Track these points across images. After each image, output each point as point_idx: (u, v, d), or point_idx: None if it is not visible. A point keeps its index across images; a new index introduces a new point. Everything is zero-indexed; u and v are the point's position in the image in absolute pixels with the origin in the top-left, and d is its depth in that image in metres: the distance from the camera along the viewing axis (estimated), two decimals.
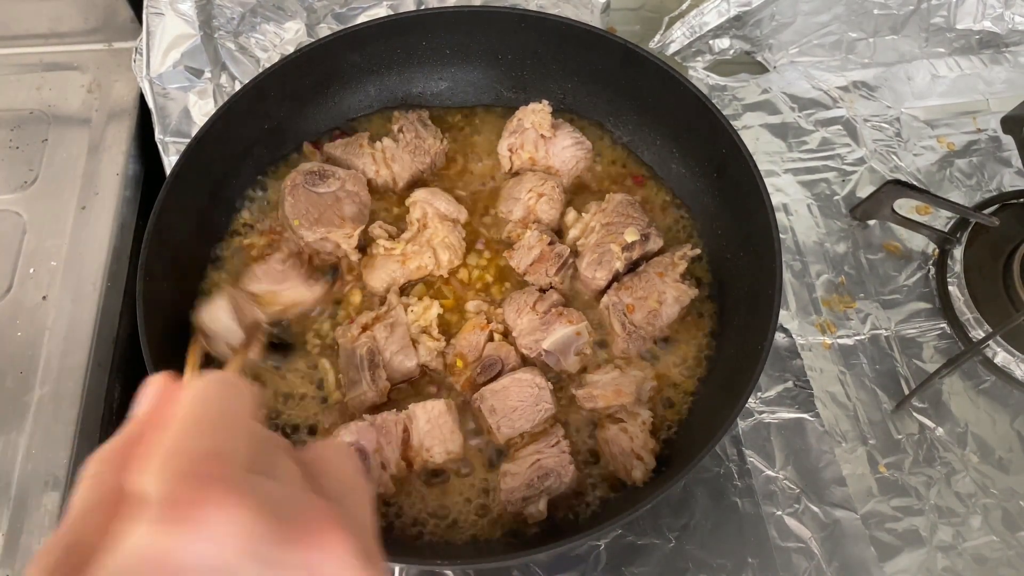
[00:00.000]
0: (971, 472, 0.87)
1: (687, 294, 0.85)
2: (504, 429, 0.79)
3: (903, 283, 0.99)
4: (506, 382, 0.80)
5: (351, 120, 0.98)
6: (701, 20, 1.09)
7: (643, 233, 0.87)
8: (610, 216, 0.87)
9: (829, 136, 1.09)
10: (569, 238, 0.90)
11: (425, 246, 0.87)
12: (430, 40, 0.95)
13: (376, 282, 0.87)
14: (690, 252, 0.87)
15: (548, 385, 0.80)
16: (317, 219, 0.86)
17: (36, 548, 0.79)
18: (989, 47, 1.16)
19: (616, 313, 0.84)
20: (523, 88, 0.98)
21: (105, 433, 0.88)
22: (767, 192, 0.80)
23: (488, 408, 0.79)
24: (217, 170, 0.88)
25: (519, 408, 0.79)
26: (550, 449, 0.77)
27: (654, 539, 0.83)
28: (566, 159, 0.93)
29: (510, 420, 0.79)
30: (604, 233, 0.86)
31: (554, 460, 0.76)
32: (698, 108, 0.86)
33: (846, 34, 1.14)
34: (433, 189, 0.90)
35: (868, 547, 0.82)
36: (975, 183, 1.06)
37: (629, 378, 0.81)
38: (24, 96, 1.06)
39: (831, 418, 0.90)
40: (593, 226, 0.88)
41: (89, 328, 0.89)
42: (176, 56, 1.02)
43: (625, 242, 0.85)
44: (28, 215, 0.96)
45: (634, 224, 0.87)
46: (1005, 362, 0.92)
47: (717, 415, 0.74)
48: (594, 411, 0.81)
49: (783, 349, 0.93)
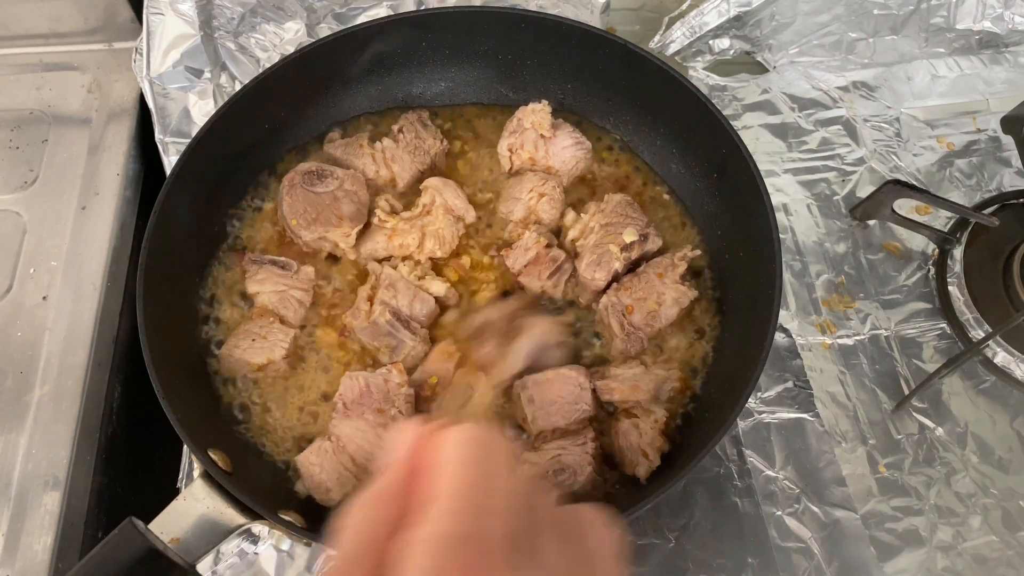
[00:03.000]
0: (971, 472, 0.87)
1: (686, 295, 0.85)
2: (540, 422, 0.79)
3: (903, 283, 0.99)
4: (551, 375, 0.80)
5: (351, 120, 0.98)
6: (701, 20, 1.09)
7: (642, 233, 0.87)
8: (609, 216, 0.87)
9: (829, 136, 1.09)
10: (568, 239, 0.90)
11: (417, 228, 0.87)
12: (430, 40, 0.95)
13: (364, 249, 0.88)
14: (690, 253, 0.87)
15: (591, 386, 0.80)
16: (315, 218, 0.86)
17: (36, 548, 0.79)
18: (989, 47, 1.16)
19: (615, 314, 0.84)
20: (523, 88, 0.98)
21: (105, 433, 0.89)
22: (767, 192, 0.80)
23: (527, 398, 0.79)
24: (217, 170, 0.88)
25: (557, 403, 0.79)
26: (575, 447, 0.77)
27: (654, 539, 0.83)
28: (566, 159, 0.93)
29: (547, 413, 0.78)
30: (603, 234, 0.87)
31: (574, 458, 0.76)
32: (698, 108, 0.86)
33: (846, 34, 1.14)
34: (447, 180, 0.91)
35: (868, 547, 0.82)
36: (975, 183, 1.06)
37: (650, 376, 0.81)
38: (24, 96, 1.06)
39: (831, 418, 0.90)
40: (592, 226, 0.88)
41: (89, 328, 0.89)
42: (176, 56, 1.02)
43: (624, 242, 0.85)
44: (28, 215, 0.97)
45: (633, 224, 0.87)
46: (1005, 362, 0.92)
47: (717, 415, 0.74)
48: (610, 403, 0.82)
49: (783, 349, 0.93)
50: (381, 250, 0.88)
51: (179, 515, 0.68)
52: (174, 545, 0.66)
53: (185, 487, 0.74)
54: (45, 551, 0.79)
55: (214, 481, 0.69)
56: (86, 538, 0.83)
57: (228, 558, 0.80)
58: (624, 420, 0.80)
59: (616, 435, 0.80)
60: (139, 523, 0.65)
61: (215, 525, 0.69)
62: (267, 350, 0.81)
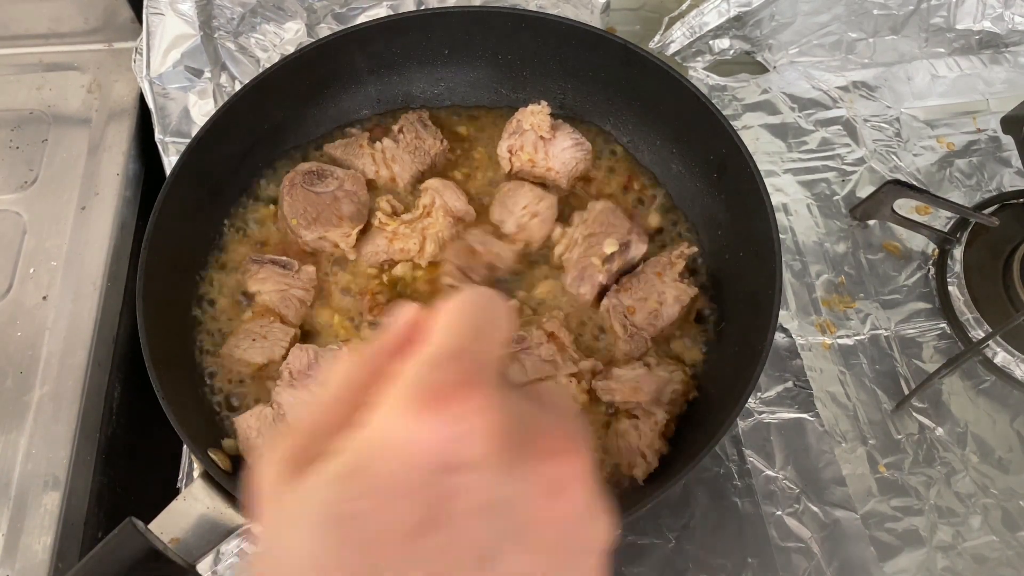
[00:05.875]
0: (971, 472, 0.87)
1: (686, 293, 0.85)
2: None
3: (903, 283, 0.99)
4: None
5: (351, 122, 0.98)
6: (701, 20, 1.09)
7: (622, 243, 0.86)
8: (592, 227, 0.87)
9: (829, 136, 1.09)
10: (555, 255, 0.89)
11: (418, 232, 0.87)
12: (430, 40, 0.95)
13: (364, 251, 0.88)
14: (687, 250, 0.86)
15: None
16: (315, 218, 0.86)
17: (36, 548, 0.79)
18: (989, 47, 1.16)
19: (617, 316, 0.84)
20: (523, 88, 0.98)
21: (105, 433, 0.89)
22: (767, 192, 0.80)
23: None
24: (217, 170, 0.88)
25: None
26: None
27: (654, 539, 0.83)
28: (566, 160, 0.93)
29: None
30: (586, 246, 0.86)
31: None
32: (698, 108, 0.86)
33: (846, 34, 1.14)
34: (447, 182, 0.90)
35: (868, 547, 0.82)
36: (975, 183, 1.06)
37: (652, 377, 0.81)
38: (24, 96, 1.06)
39: (831, 418, 0.90)
40: (576, 238, 0.87)
41: (89, 328, 0.89)
42: (176, 56, 1.02)
43: (604, 254, 0.85)
44: (28, 215, 0.97)
45: (614, 234, 0.86)
46: (1005, 362, 0.92)
47: (717, 415, 0.74)
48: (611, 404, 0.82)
49: (783, 349, 0.93)
50: (382, 253, 0.88)
51: (179, 515, 0.68)
52: (174, 545, 0.66)
53: (185, 487, 0.74)
54: (45, 551, 0.79)
55: (214, 481, 0.69)
56: (86, 538, 0.83)
57: (228, 558, 0.80)
58: (624, 421, 0.80)
59: (613, 436, 0.80)
60: (139, 523, 0.65)
61: (215, 525, 0.69)
62: (267, 350, 0.81)
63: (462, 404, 0.29)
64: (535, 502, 0.30)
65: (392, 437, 0.29)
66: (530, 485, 0.30)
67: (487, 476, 0.29)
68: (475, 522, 0.28)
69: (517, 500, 0.29)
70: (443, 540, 0.28)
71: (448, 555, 0.28)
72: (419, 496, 0.28)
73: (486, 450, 0.29)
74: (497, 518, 0.29)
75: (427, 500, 0.28)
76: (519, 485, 0.29)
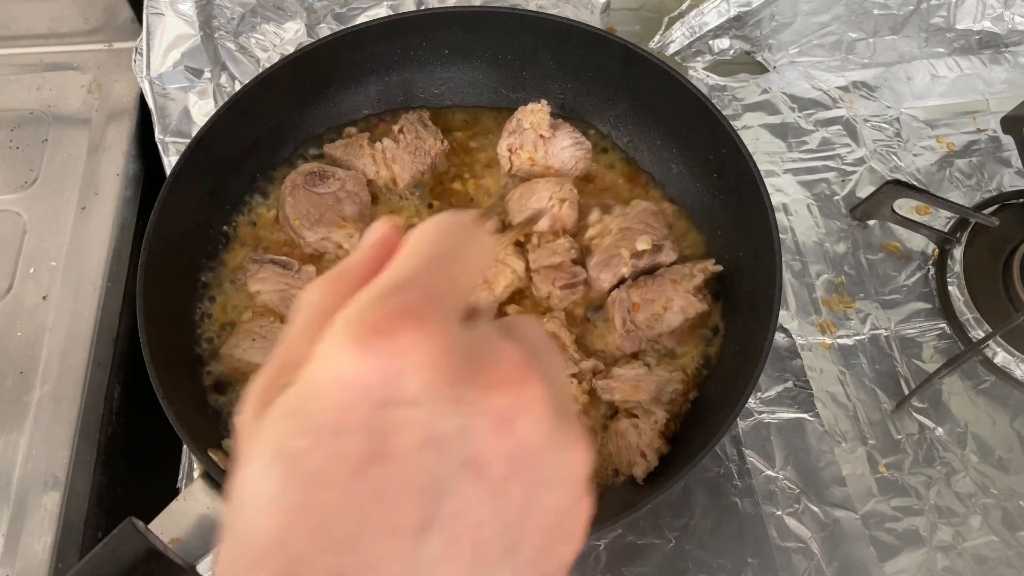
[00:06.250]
0: (971, 472, 0.87)
1: (694, 306, 0.84)
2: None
3: (903, 283, 0.99)
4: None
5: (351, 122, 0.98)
6: (701, 20, 1.09)
7: (656, 244, 0.86)
8: (630, 221, 0.87)
9: (829, 136, 1.09)
10: (587, 236, 0.90)
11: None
12: (430, 40, 0.95)
13: None
14: (712, 267, 0.86)
15: None
16: (318, 219, 0.86)
17: (36, 548, 0.79)
18: (989, 47, 1.16)
19: (620, 309, 0.84)
20: (523, 88, 0.98)
21: (105, 433, 0.89)
22: (767, 192, 0.80)
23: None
24: (217, 170, 0.88)
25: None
26: None
27: (654, 539, 0.83)
28: (565, 159, 0.93)
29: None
30: (619, 237, 0.86)
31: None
32: (698, 108, 0.86)
33: (846, 34, 1.14)
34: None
35: (868, 547, 0.82)
36: (975, 183, 1.06)
37: (653, 377, 0.81)
38: (24, 96, 1.06)
39: (831, 418, 0.90)
40: (611, 228, 0.88)
41: (89, 328, 0.89)
42: (176, 56, 1.01)
43: (636, 249, 0.85)
44: (28, 215, 0.97)
45: (651, 233, 0.86)
46: (1005, 362, 0.92)
47: (717, 415, 0.74)
48: (611, 403, 0.82)
49: (783, 349, 0.93)
50: None
51: (179, 515, 0.68)
52: (174, 545, 0.66)
53: (185, 487, 0.74)
54: (45, 551, 0.79)
55: (214, 481, 0.69)
56: (86, 538, 0.83)
57: None
58: (624, 420, 0.80)
59: (613, 435, 0.80)
60: (139, 523, 0.65)
61: (215, 525, 0.69)
62: (267, 350, 0.81)
63: (401, 338, 0.28)
64: (482, 436, 0.29)
65: (332, 372, 0.28)
66: (475, 419, 0.29)
67: (428, 410, 0.28)
68: (418, 457, 0.28)
69: (464, 434, 0.28)
70: (385, 475, 0.27)
71: (392, 491, 0.27)
72: (360, 433, 0.27)
73: (424, 384, 0.28)
74: (441, 453, 0.28)
75: (368, 436, 0.27)
76: (463, 420, 0.28)
